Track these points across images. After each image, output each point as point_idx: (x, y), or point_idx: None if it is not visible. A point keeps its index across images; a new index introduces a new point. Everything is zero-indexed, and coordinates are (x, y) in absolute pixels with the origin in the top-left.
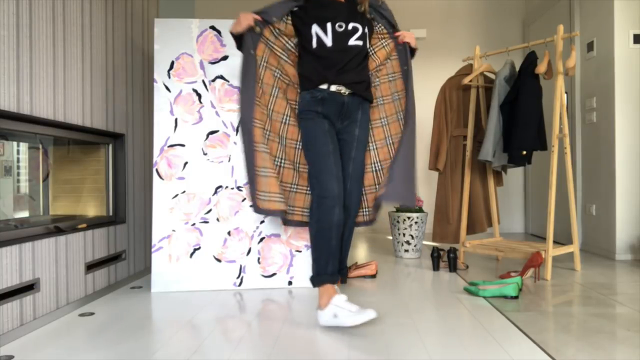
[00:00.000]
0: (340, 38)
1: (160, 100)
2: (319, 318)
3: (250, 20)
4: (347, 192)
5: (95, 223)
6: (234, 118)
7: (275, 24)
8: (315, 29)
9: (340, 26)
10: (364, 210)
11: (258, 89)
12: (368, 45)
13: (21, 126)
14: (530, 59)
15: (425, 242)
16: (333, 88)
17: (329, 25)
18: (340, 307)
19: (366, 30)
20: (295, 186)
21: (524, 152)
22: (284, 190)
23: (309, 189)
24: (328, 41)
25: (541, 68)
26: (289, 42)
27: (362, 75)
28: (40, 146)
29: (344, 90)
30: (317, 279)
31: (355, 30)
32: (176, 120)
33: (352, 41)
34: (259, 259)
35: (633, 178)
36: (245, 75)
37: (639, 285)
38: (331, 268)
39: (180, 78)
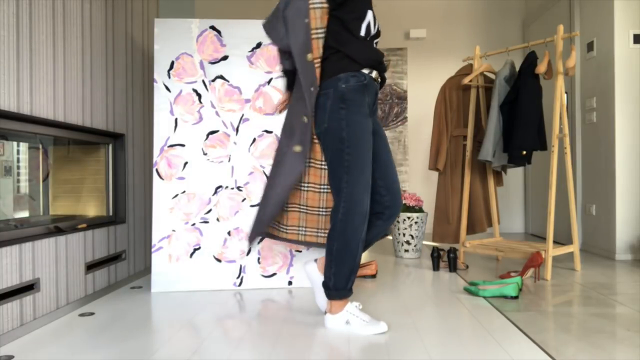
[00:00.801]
0: (375, 36)
1: (160, 100)
2: (327, 322)
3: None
4: (397, 190)
5: (95, 223)
6: (234, 118)
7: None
8: (370, 13)
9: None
10: (320, 231)
11: None
12: None
13: (21, 126)
14: (530, 59)
15: (425, 242)
16: (373, 74)
17: (375, 18)
18: (355, 315)
19: None
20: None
21: (524, 152)
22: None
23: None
24: (373, 32)
25: (541, 68)
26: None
27: None
28: (40, 146)
29: (378, 78)
30: (336, 294)
31: (379, 33)
32: (176, 120)
33: (375, 44)
34: (259, 259)
35: (633, 178)
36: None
37: (639, 285)
38: (351, 283)
39: (180, 78)
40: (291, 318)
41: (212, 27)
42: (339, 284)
